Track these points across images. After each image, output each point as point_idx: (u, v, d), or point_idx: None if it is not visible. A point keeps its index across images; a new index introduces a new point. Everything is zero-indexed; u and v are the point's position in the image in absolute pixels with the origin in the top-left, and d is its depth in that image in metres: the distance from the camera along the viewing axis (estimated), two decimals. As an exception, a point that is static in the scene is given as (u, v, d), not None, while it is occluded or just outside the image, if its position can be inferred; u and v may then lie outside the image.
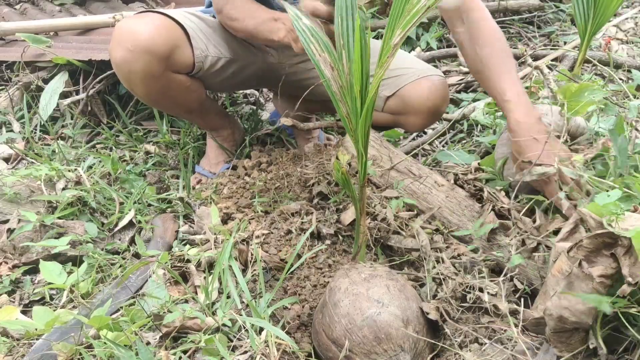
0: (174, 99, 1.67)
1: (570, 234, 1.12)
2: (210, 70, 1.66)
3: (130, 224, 1.63)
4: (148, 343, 1.17)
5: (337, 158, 1.40)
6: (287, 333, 1.21)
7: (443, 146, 2.10)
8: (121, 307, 1.30)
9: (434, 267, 1.35)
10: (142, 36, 1.48)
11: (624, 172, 1.26)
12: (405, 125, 1.71)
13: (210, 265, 1.38)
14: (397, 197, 1.51)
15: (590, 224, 1.04)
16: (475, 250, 1.38)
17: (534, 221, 1.34)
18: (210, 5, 1.74)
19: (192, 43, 1.59)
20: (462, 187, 1.55)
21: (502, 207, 1.39)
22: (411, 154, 1.84)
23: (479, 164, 1.62)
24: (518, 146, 1.33)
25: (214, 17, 1.73)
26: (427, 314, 1.19)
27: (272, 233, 1.45)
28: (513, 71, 1.36)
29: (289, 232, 1.45)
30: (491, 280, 1.32)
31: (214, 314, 1.22)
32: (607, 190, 1.22)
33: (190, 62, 1.61)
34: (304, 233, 1.41)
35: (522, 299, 1.30)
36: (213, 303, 1.26)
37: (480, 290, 1.28)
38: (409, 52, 2.87)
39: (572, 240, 1.10)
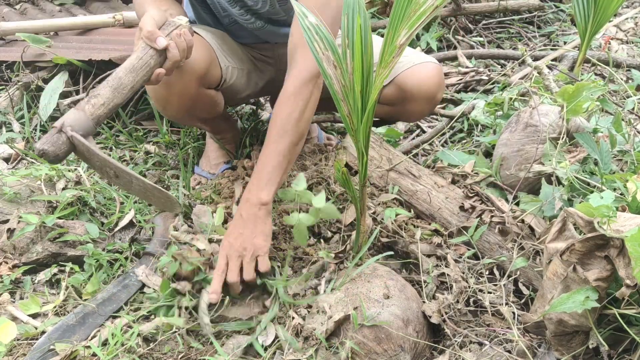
0: (199, 113, 1.68)
1: (559, 233, 1.12)
2: (230, 81, 1.68)
3: (131, 224, 1.63)
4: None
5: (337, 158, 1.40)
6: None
7: (443, 146, 2.10)
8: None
9: (437, 267, 1.35)
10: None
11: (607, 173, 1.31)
12: (403, 114, 1.72)
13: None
14: (393, 201, 1.51)
15: (579, 223, 1.04)
16: (475, 255, 1.38)
17: (531, 229, 1.34)
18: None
19: (219, 59, 1.61)
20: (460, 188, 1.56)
21: (500, 215, 1.39)
22: (411, 153, 1.84)
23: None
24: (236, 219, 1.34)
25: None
26: (430, 317, 1.19)
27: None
28: (281, 152, 1.36)
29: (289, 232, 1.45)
30: (492, 283, 1.32)
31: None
32: (594, 190, 1.24)
33: (219, 75, 1.62)
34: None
35: (522, 299, 1.31)
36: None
37: (481, 291, 1.28)
38: (409, 52, 2.86)
39: (561, 240, 1.10)
